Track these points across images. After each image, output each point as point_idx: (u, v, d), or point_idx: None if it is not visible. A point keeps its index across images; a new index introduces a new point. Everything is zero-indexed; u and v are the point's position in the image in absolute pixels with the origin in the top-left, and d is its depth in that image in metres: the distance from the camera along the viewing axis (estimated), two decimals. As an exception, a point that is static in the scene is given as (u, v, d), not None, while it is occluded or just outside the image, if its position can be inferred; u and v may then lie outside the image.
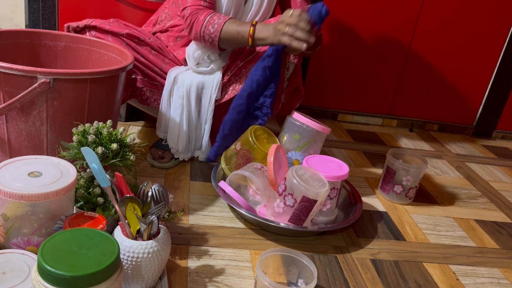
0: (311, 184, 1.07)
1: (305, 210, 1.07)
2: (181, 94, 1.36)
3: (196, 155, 1.46)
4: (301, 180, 1.06)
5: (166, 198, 0.84)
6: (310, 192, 1.05)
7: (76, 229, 0.71)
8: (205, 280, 0.94)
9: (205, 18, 1.25)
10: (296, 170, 1.09)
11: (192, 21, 1.26)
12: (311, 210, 1.07)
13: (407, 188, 1.37)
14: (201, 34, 1.26)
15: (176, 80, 1.37)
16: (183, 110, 1.37)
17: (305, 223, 1.10)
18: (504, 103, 2.15)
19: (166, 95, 1.38)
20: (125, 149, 0.96)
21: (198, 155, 1.46)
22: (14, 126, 1.02)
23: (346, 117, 2.11)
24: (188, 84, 1.36)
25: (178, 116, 1.38)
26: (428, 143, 2.00)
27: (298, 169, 1.11)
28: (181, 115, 1.38)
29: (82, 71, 1.00)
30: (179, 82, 1.37)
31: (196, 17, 1.26)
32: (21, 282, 0.70)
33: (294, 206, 1.07)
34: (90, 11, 1.75)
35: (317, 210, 1.09)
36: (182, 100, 1.37)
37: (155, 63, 1.39)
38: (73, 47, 1.29)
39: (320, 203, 1.08)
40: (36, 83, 0.96)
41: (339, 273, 1.04)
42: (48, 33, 1.27)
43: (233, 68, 1.40)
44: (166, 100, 1.39)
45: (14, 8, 1.82)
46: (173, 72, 1.38)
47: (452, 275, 1.10)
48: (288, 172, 1.09)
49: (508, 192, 1.62)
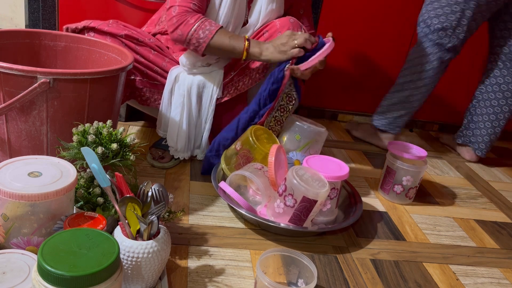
0: (311, 185, 1.07)
1: (305, 211, 1.07)
2: (182, 92, 1.36)
3: (195, 153, 1.46)
4: (301, 181, 1.06)
5: (166, 198, 0.84)
6: (310, 192, 1.05)
7: (76, 229, 0.71)
8: (205, 280, 0.95)
9: (195, 22, 1.25)
10: (296, 171, 1.09)
11: (180, 22, 1.26)
12: (311, 211, 1.07)
13: (407, 188, 1.37)
14: (187, 37, 1.26)
15: (177, 79, 1.37)
16: (184, 109, 1.38)
17: (305, 223, 1.10)
18: (504, 103, 2.15)
19: (167, 94, 1.38)
20: (125, 149, 0.96)
21: (197, 153, 1.46)
22: (14, 126, 1.02)
23: (346, 117, 2.11)
24: (189, 83, 1.36)
25: (179, 114, 1.38)
26: (428, 143, 2.00)
27: (298, 170, 1.11)
28: (181, 114, 1.38)
29: (82, 71, 1.00)
30: (180, 81, 1.37)
31: (185, 19, 1.25)
32: (21, 282, 0.70)
33: (295, 207, 1.07)
34: (90, 11, 1.75)
35: (317, 210, 1.09)
36: (183, 98, 1.37)
37: (156, 62, 1.39)
38: (73, 47, 1.29)
39: (320, 203, 1.08)
40: (36, 83, 0.96)
41: (339, 273, 1.04)
42: (48, 33, 1.27)
43: (236, 68, 1.41)
44: (167, 98, 1.39)
45: (14, 8, 1.82)
46: (174, 71, 1.38)
47: (452, 275, 1.10)
48: (288, 172, 1.09)
49: (508, 192, 1.62)
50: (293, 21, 1.36)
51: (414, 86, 1.70)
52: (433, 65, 1.66)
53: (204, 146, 1.44)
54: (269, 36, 1.35)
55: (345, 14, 1.91)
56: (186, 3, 1.27)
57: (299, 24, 1.37)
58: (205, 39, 1.25)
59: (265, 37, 1.36)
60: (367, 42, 1.97)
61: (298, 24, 1.36)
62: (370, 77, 2.04)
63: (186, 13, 1.26)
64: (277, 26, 1.35)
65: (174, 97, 1.38)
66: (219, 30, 1.26)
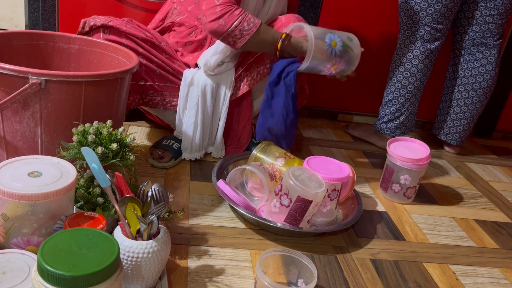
0: (307, 185, 1.07)
1: (301, 211, 1.07)
2: (197, 93, 1.39)
3: (209, 151, 1.48)
4: (297, 181, 1.06)
5: (166, 198, 0.84)
6: (304, 192, 1.05)
7: (76, 229, 0.71)
8: (205, 280, 0.95)
9: (240, 14, 1.25)
10: (293, 171, 1.10)
11: (224, 12, 1.24)
12: (306, 211, 1.07)
13: (405, 188, 1.37)
14: (230, 28, 1.25)
15: (192, 81, 1.39)
16: (198, 109, 1.40)
17: (301, 223, 1.10)
18: (504, 103, 2.15)
19: (183, 97, 1.40)
20: (125, 149, 0.96)
21: (211, 151, 1.48)
22: (9, 126, 1.02)
23: (346, 117, 2.11)
24: (202, 84, 1.38)
25: (193, 116, 1.40)
26: (428, 143, 1.99)
27: (295, 170, 1.11)
28: (196, 115, 1.40)
29: (75, 74, 0.99)
30: (195, 83, 1.39)
31: (230, 9, 1.24)
32: (21, 282, 0.70)
33: (290, 206, 1.07)
34: (90, 11, 1.75)
35: (313, 210, 1.09)
36: (198, 99, 1.39)
37: (168, 64, 1.42)
38: (86, 50, 1.29)
39: (316, 204, 1.08)
40: (27, 84, 0.95)
41: (339, 273, 1.04)
42: (62, 35, 1.28)
43: (244, 64, 1.43)
44: (183, 100, 1.41)
45: (14, 8, 1.82)
46: (188, 73, 1.40)
47: (452, 275, 1.10)
48: (285, 172, 1.09)
49: (508, 192, 1.63)
50: (297, 17, 1.40)
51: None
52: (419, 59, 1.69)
53: (218, 143, 1.45)
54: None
55: (345, 14, 1.91)
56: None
57: (303, 21, 1.40)
58: (250, 31, 1.25)
59: None
60: (367, 42, 1.97)
61: (302, 21, 1.40)
62: (370, 77, 2.04)
63: (232, 4, 1.25)
64: (282, 21, 1.38)
65: (189, 99, 1.40)
66: (262, 24, 1.28)
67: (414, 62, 1.68)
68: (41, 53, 1.26)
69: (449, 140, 1.86)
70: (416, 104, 1.77)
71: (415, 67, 1.68)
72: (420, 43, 1.65)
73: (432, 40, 1.65)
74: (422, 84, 1.72)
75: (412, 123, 1.81)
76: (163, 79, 1.42)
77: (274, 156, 1.30)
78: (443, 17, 1.61)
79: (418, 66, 1.68)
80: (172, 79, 1.42)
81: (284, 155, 1.30)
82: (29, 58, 1.24)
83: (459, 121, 1.82)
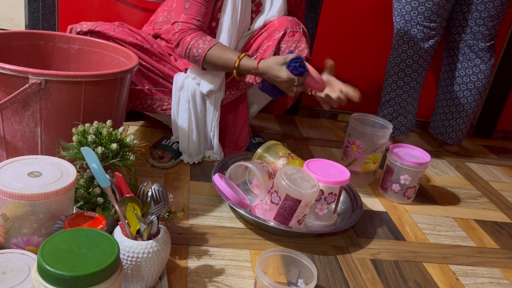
0: (298, 184, 1.07)
1: (290, 210, 1.07)
2: (187, 98, 1.38)
3: (208, 155, 1.47)
4: (288, 180, 1.06)
5: (166, 198, 0.84)
6: (293, 191, 1.05)
7: (76, 229, 0.71)
8: (205, 280, 0.95)
9: (191, 41, 1.27)
10: (286, 170, 1.10)
11: (179, 39, 1.29)
12: (295, 210, 1.07)
13: (405, 188, 1.37)
14: (186, 54, 1.29)
15: (182, 86, 1.38)
16: (190, 114, 1.39)
17: (291, 223, 1.09)
18: (503, 103, 2.15)
19: (176, 101, 1.40)
20: (125, 149, 0.96)
21: (210, 154, 1.47)
22: (9, 126, 1.02)
23: (346, 117, 2.11)
24: (192, 88, 1.38)
25: (186, 120, 1.40)
26: (428, 143, 2.00)
27: (289, 169, 1.11)
28: (189, 119, 1.40)
29: (75, 74, 0.99)
30: (184, 87, 1.38)
31: (184, 37, 1.28)
32: (21, 282, 0.70)
33: (279, 204, 1.07)
34: (90, 11, 1.75)
35: (303, 211, 1.08)
36: (188, 104, 1.38)
37: (157, 67, 1.41)
38: (86, 50, 1.29)
39: (305, 204, 1.07)
40: (27, 84, 0.95)
41: (339, 273, 1.04)
42: (62, 35, 1.28)
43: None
44: (176, 105, 1.40)
45: (14, 8, 1.82)
46: (179, 78, 1.39)
47: (452, 275, 1.10)
48: (279, 170, 1.10)
49: (508, 192, 1.63)
50: (291, 19, 1.35)
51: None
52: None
53: (216, 149, 1.45)
54: (267, 36, 1.35)
55: (345, 14, 1.91)
56: (190, 20, 1.28)
57: (297, 22, 1.36)
58: (199, 57, 1.27)
59: (263, 37, 1.36)
60: (367, 42, 1.97)
61: (297, 22, 1.36)
62: (370, 77, 2.04)
63: (187, 30, 1.28)
64: (275, 25, 1.35)
65: (180, 104, 1.40)
66: (213, 47, 1.26)
67: (408, 62, 1.68)
68: (41, 53, 1.26)
69: (445, 139, 1.87)
70: (415, 104, 1.77)
71: (410, 67, 1.68)
72: (413, 42, 1.65)
73: (426, 39, 1.64)
74: (418, 84, 1.72)
75: (412, 123, 1.81)
76: (153, 83, 1.42)
77: (277, 156, 1.30)
78: (435, 15, 1.60)
79: (412, 66, 1.68)
80: (162, 83, 1.42)
81: (287, 155, 1.30)
82: (29, 58, 1.24)
83: (454, 120, 1.82)
